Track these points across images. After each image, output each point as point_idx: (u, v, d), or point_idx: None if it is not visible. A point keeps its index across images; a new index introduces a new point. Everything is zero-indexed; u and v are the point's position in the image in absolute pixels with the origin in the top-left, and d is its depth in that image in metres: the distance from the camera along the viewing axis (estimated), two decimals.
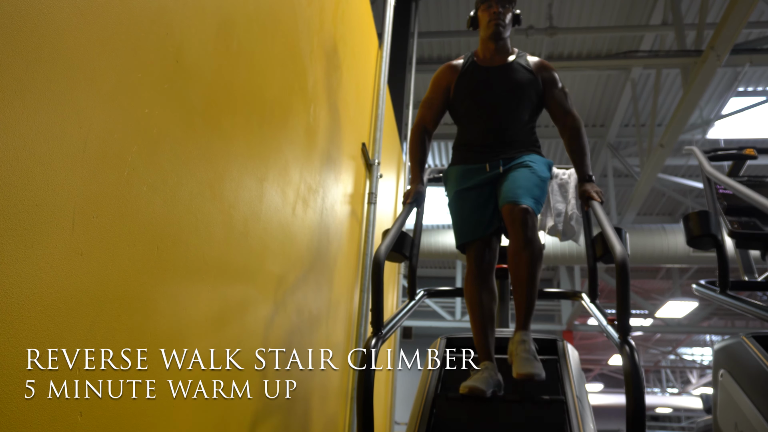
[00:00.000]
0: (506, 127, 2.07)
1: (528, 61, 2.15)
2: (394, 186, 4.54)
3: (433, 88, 2.22)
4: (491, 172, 2.04)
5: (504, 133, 2.07)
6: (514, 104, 2.08)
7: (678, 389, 19.09)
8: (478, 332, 1.92)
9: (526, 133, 2.10)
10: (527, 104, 2.09)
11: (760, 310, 2.03)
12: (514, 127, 2.08)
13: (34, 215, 0.81)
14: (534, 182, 1.95)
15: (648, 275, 11.99)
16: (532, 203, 1.88)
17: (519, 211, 1.85)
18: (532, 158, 2.04)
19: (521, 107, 2.08)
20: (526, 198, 1.88)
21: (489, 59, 2.15)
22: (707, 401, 6.80)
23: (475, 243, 2.00)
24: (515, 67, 2.12)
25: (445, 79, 2.20)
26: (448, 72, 2.20)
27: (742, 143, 7.37)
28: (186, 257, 1.23)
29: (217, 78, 1.38)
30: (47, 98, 0.83)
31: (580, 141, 2.10)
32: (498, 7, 2.11)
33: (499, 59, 2.14)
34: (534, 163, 2.01)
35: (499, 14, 2.10)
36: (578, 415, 1.67)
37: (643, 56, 6.06)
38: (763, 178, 2.63)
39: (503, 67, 2.12)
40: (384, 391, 4.21)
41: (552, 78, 2.14)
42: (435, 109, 2.22)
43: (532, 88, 2.10)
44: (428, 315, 11.76)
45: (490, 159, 2.05)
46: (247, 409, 1.58)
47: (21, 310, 0.78)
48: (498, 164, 2.04)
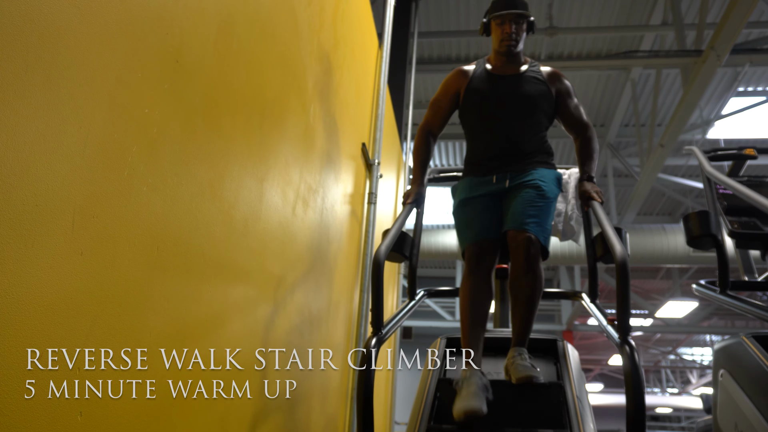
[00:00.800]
0: (516, 137, 2.05)
1: (541, 72, 2.13)
2: (394, 186, 4.54)
3: (443, 92, 2.21)
4: (497, 184, 2.02)
5: (514, 143, 2.05)
6: (527, 115, 2.06)
7: (678, 389, 19.09)
8: (465, 333, 1.86)
9: (536, 142, 2.08)
10: (540, 115, 2.08)
11: (760, 310, 2.03)
12: (524, 137, 2.06)
13: (34, 215, 0.81)
14: (540, 207, 1.92)
15: (648, 275, 11.99)
16: (537, 230, 1.86)
17: (523, 240, 1.84)
18: (542, 174, 2.00)
19: (534, 118, 2.06)
20: (532, 225, 1.86)
21: (501, 68, 2.13)
22: (707, 401, 6.81)
23: (474, 246, 1.98)
24: (527, 77, 2.10)
25: (455, 84, 2.18)
26: (459, 77, 2.17)
27: (742, 143, 7.37)
28: (186, 257, 1.23)
29: (217, 78, 1.38)
30: (47, 98, 0.83)
31: (592, 147, 2.11)
32: (511, 27, 2.06)
33: (511, 69, 2.12)
34: (543, 182, 1.98)
35: (511, 34, 2.06)
36: (578, 415, 1.67)
37: (643, 56, 6.06)
38: (763, 178, 2.63)
39: (515, 77, 2.10)
40: (384, 391, 4.21)
41: (566, 89, 2.13)
42: (442, 112, 2.21)
43: (545, 100, 2.08)
44: (428, 315, 11.77)
45: (497, 171, 2.04)
46: (247, 409, 1.58)
47: (21, 310, 0.78)
48: (505, 177, 2.02)
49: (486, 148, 2.09)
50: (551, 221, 1.97)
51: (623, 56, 6.27)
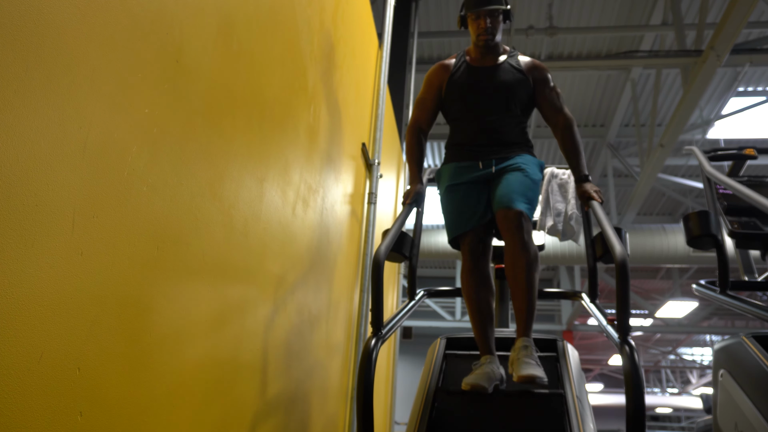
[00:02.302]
0: (497, 127, 2.08)
1: (519, 61, 2.15)
2: (394, 186, 4.54)
3: (426, 88, 2.23)
4: (484, 170, 2.05)
5: (495, 133, 2.08)
6: (504, 104, 2.09)
7: (678, 389, 19.09)
8: (477, 326, 1.92)
9: (517, 133, 2.11)
10: (517, 104, 2.10)
11: (760, 310, 2.03)
12: (504, 127, 2.09)
13: (34, 215, 0.81)
14: (527, 185, 1.97)
15: (648, 275, 12.00)
16: (525, 207, 1.91)
17: (514, 215, 1.87)
18: (525, 159, 2.06)
19: (511, 107, 2.09)
20: (520, 202, 1.90)
21: (480, 59, 2.16)
22: (707, 401, 6.81)
23: (468, 235, 2.01)
24: (505, 67, 2.13)
25: (438, 79, 2.20)
26: (441, 71, 2.20)
27: (742, 143, 7.37)
28: (186, 257, 1.23)
29: (218, 78, 1.38)
30: (47, 98, 0.83)
31: (573, 139, 2.10)
32: (486, 22, 2.09)
33: (489, 59, 2.15)
34: (526, 165, 2.03)
35: (488, 29, 2.09)
36: (578, 415, 1.67)
37: (643, 56, 6.06)
38: (763, 178, 2.63)
39: (493, 68, 2.14)
40: (384, 391, 4.21)
41: (543, 78, 2.14)
42: (428, 108, 2.23)
43: (522, 88, 2.11)
44: (428, 315, 11.77)
45: (482, 157, 2.07)
46: (247, 409, 1.58)
47: (21, 310, 0.78)
48: (491, 163, 2.05)
49: (468, 137, 2.12)
50: (536, 204, 2.02)
51: (623, 56, 6.26)
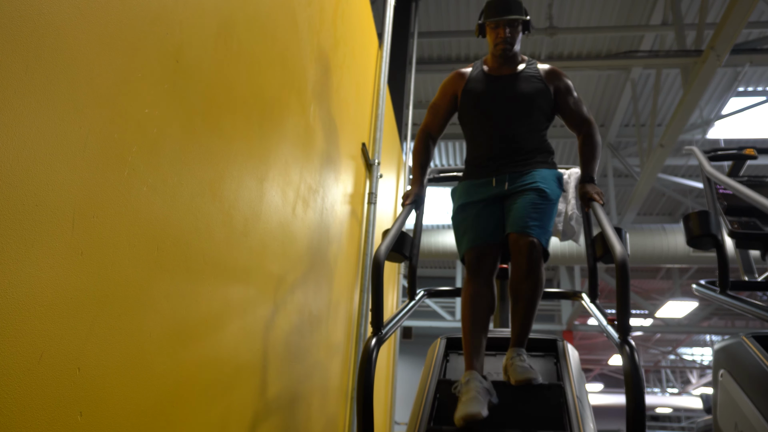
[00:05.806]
0: (514, 137, 2.04)
1: (538, 70, 2.11)
2: (394, 186, 4.54)
3: (440, 95, 2.20)
4: (497, 187, 2.00)
5: (513, 142, 2.04)
6: (524, 114, 2.05)
7: (678, 389, 19.09)
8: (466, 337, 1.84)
9: (536, 141, 2.07)
10: (537, 114, 2.06)
11: (760, 310, 2.03)
12: (522, 136, 2.04)
13: (34, 215, 0.81)
14: (542, 209, 1.91)
15: (648, 275, 11.99)
16: (539, 233, 1.86)
17: (525, 244, 1.83)
18: (543, 176, 1.98)
19: (531, 117, 2.05)
20: (535, 229, 1.86)
21: (497, 68, 2.12)
22: (707, 401, 6.81)
23: (474, 250, 1.95)
24: (525, 76, 2.09)
25: (453, 87, 2.17)
26: (456, 79, 2.17)
27: (742, 143, 7.38)
28: (186, 257, 1.23)
29: (217, 78, 1.38)
30: (47, 98, 0.83)
31: (594, 146, 2.09)
32: (505, 31, 2.05)
33: (507, 69, 2.11)
34: (544, 183, 1.96)
35: (506, 38, 2.05)
36: (578, 415, 1.67)
37: (643, 56, 6.05)
38: (763, 178, 2.63)
39: (512, 77, 2.09)
40: (384, 391, 4.21)
41: (566, 86, 2.11)
42: (441, 115, 2.21)
43: (543, 98, 2.06)
44: (428, 315, 11.76)
45: (496, 173, 2.02)
46: (247, 409, 1.58)
47: (21, 310, 0.78)
48: (504, 179, 2.00)
49: (485, 149, 2.08)
50: (553, 223, 1.96)
51: (623, 56, 6.26)
